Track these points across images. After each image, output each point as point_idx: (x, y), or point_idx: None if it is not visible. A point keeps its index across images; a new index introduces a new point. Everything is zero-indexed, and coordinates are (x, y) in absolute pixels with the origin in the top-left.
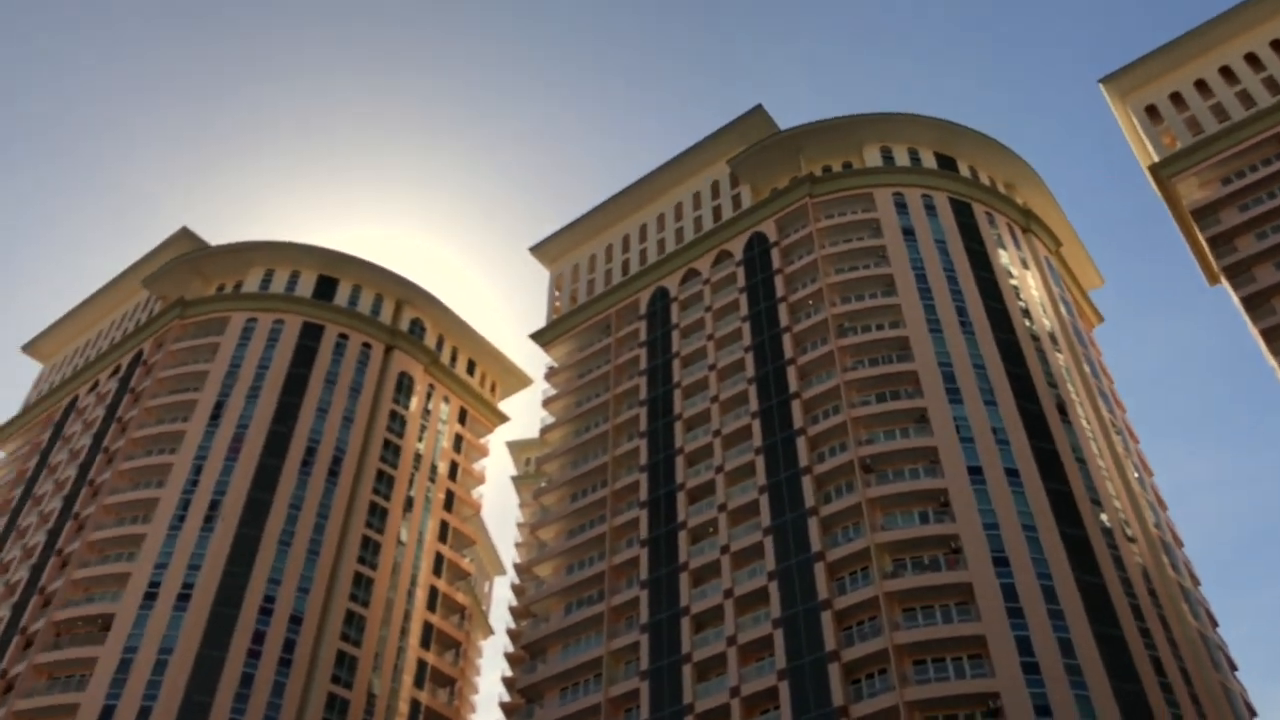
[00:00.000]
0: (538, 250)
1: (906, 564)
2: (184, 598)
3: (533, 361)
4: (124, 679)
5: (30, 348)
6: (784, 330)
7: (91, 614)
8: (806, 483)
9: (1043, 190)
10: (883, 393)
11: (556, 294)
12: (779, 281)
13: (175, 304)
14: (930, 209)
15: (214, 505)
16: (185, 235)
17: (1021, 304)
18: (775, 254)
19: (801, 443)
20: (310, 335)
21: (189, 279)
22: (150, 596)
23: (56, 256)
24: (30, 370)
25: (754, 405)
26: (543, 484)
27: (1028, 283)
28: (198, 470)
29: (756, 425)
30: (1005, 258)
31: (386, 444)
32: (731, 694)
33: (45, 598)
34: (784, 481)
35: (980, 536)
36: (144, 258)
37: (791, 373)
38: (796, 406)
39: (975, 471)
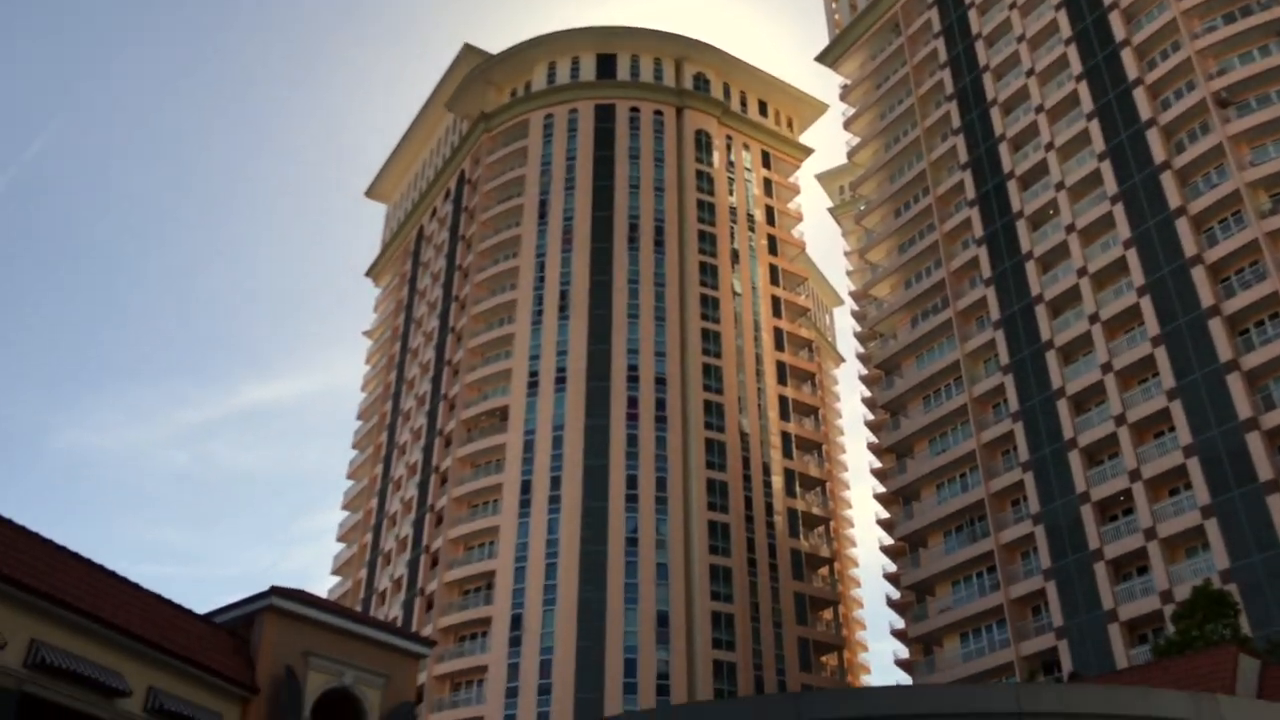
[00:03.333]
0: None
1: None
2: (560, 380)
3: (824, 86)
4: (531, 458)
5: (371, 192)
6: None
7: (490, 409)
8: (1152, 136)
9: None
10: (1230, 12)
11: (834, 6)
12: None
13: (478, 119)
14: None
15: (563, 296)
16: (469, 51)
17: None
18: None
19: (1139, 94)
20: (604, 116)
21: (483, 92)
22: (532, 385)
23: (370, 102)
24: (377, 212)
25: (1076, 67)
26: (862, 207)
27: None
28: (541, 268)
29: (1084, 88)
30: None
31: (700, 204)
32: (1104, 370)
33: (450, 402)
34: (1126, 142)
35: None
36: (439, 83)
37: (1115, 18)
38: (1127, 55)
39: None
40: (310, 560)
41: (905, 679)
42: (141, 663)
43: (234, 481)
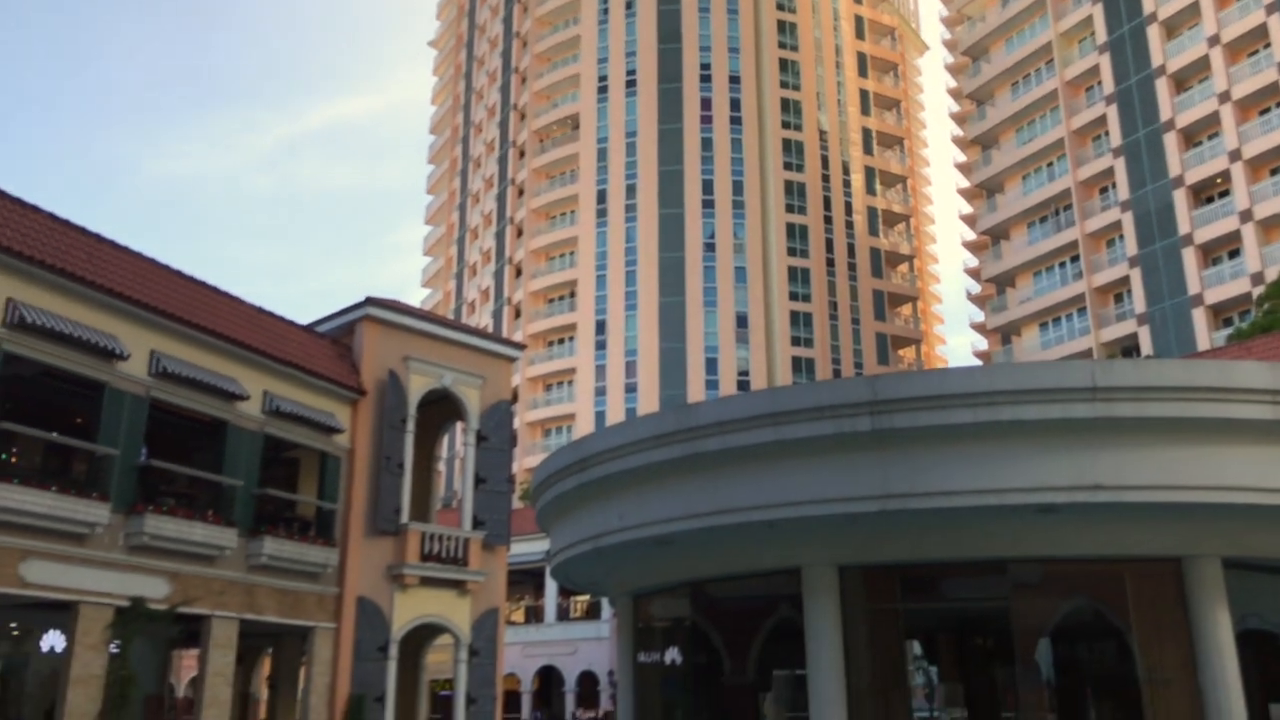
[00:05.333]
0: None
1: None
2: (630, 84)
3: None
4: (605, 166)
5: None
6: None
7: (560, 117)
8: None
9: None
10: None
11: None
12: None
13: None
14: None
15: None
16: None
17: None
18: None
19: None
20: None
21: None
22: (602, 90)
23: None
24: None
25: None
26: None
27: None
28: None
29: None
30: None
31: None
32: (1209, 43)
33: (520, 112)
34: None
35: None
36: None
37: None
38: None
39: None
40: (400, 275)
41: None
42: (255, 370)
43: (318, 201)
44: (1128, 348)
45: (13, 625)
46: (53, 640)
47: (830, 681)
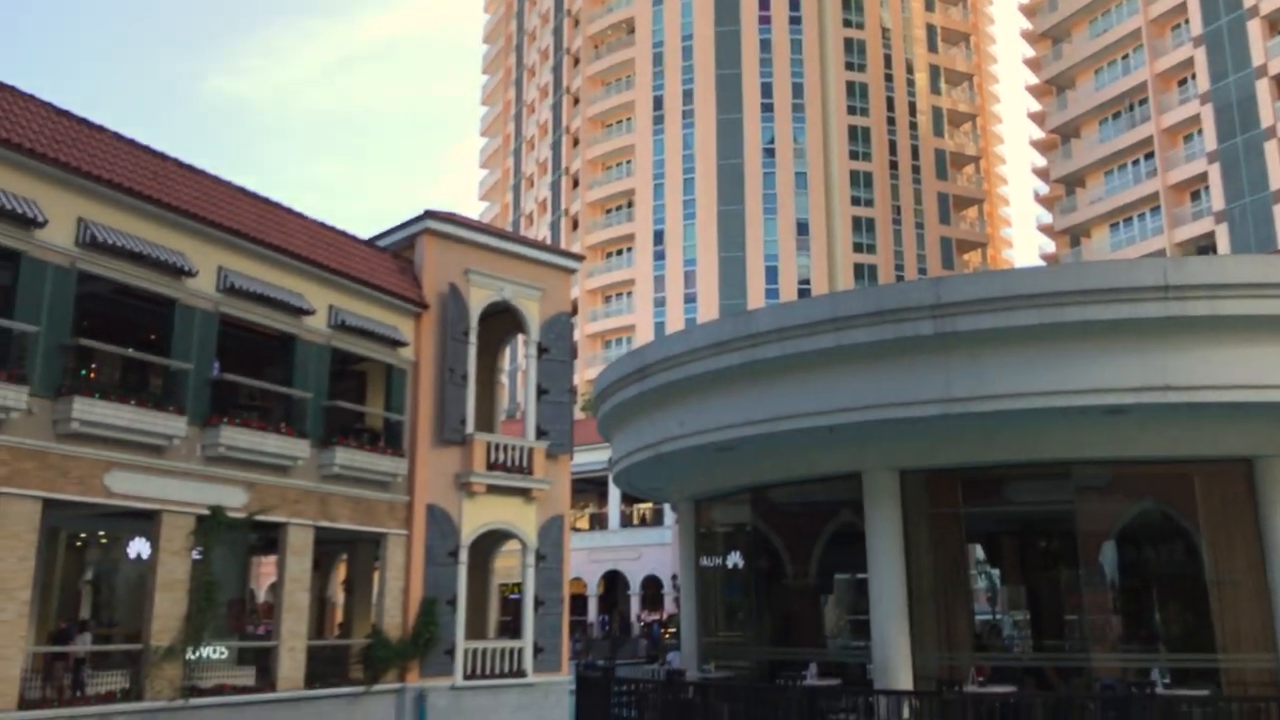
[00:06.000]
0: None
1: None
2: None
3: None
4: (661, 71)
5: None
6: None
7: (615, 21)
8: None
9: None
10: None
11: None
12: None
13: None
14: None
15: None
16: None
17: None
18: None
19: None
20: None
21: None
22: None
23: None
24: None
25: None
26: None
27: None
28: None
29: None
30: None
31: None
32: None
33: (574, 17)
34: None
35: None
36: None
37: None
38: None
39: None
40: (458, 188)
41: None
42: (321, 285)
43: (374, 117)
44: (1204, 247)
45: (101, 534)
46: (139, 547)
47: (891, 585)
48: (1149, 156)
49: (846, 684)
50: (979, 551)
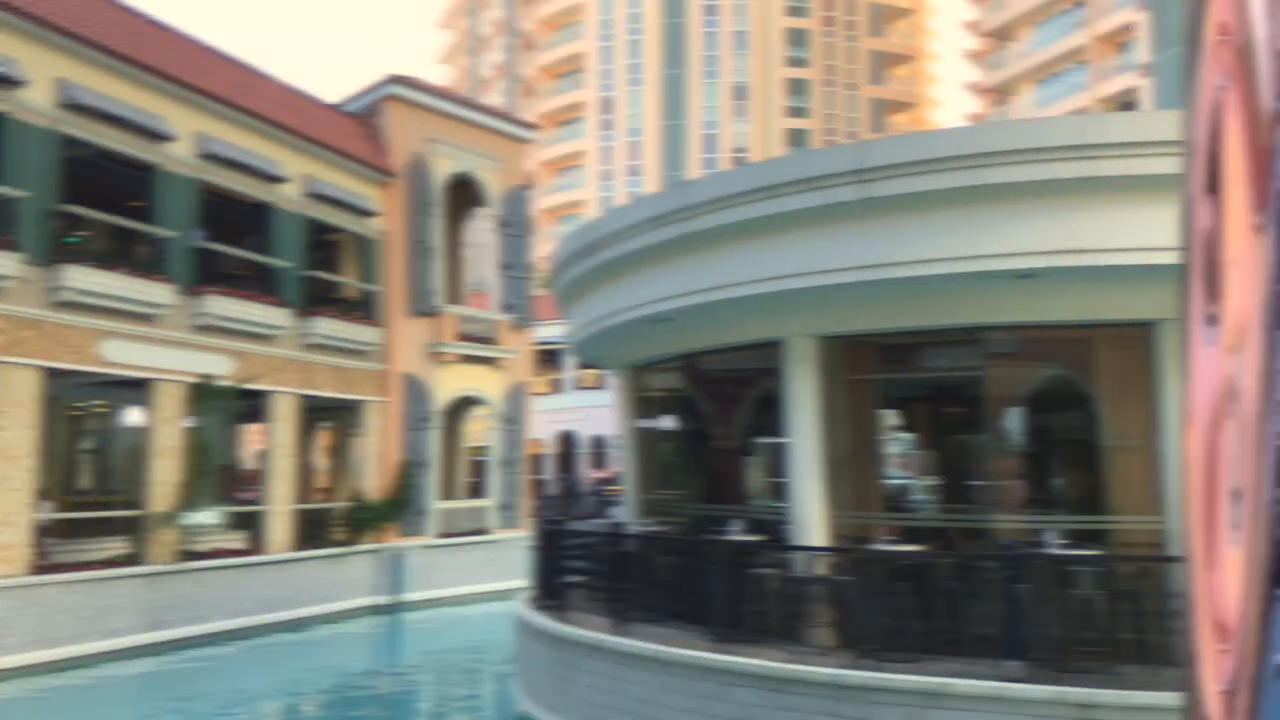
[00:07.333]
0: None
1: None
2: None
3: None
4: None
5: None
6: None
7: None
8: None
9: None
10: None
11: None
12: None
13: None
14: None
15: None
16: None
17: None
18: None
19: None
20: None
21: None
22: None
23: None
24: None
25: None
26: None
27: None
28: None
29: None
30: None
31: None
32: None
33: None
34: None
35: None
36: None
37: None
38: None
39: None
40: (415, 53)
41: None
42: (294, 152)
43: None
44: (1128, 103)
45: (96, 403)
46: (135, 416)
47: (808, 449)
48: (1080, 4)
49: (768, 540)
50: (894, 418)
